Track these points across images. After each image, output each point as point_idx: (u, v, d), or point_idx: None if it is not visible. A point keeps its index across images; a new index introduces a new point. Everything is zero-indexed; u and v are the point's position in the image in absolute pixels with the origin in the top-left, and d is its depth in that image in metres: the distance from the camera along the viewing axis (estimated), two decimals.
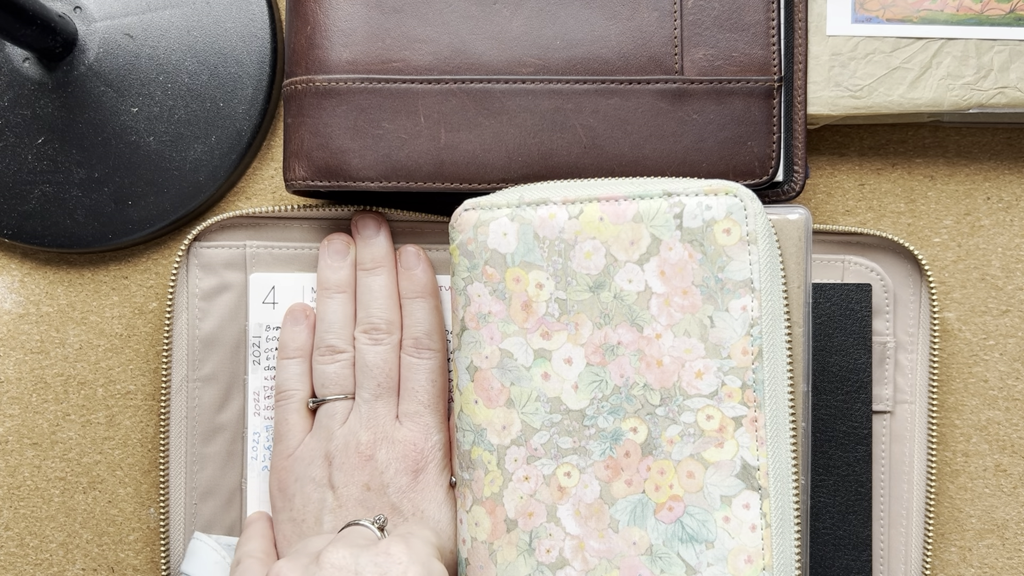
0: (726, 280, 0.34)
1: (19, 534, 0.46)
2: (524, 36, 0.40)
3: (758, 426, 0.34)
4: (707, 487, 0.34)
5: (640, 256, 0.35)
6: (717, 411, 0.35)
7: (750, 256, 0.34)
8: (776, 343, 0.35)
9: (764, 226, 0.35)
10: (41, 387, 0.46)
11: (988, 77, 0.42)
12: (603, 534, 0.35)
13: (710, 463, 0.34)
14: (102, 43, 0.44)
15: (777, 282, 0.35)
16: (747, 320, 0.34)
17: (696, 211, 0.35)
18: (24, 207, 0.45)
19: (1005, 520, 0.45)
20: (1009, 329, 0.45)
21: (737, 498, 0.34)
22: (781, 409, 0.35)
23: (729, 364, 0.34)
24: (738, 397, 0.34)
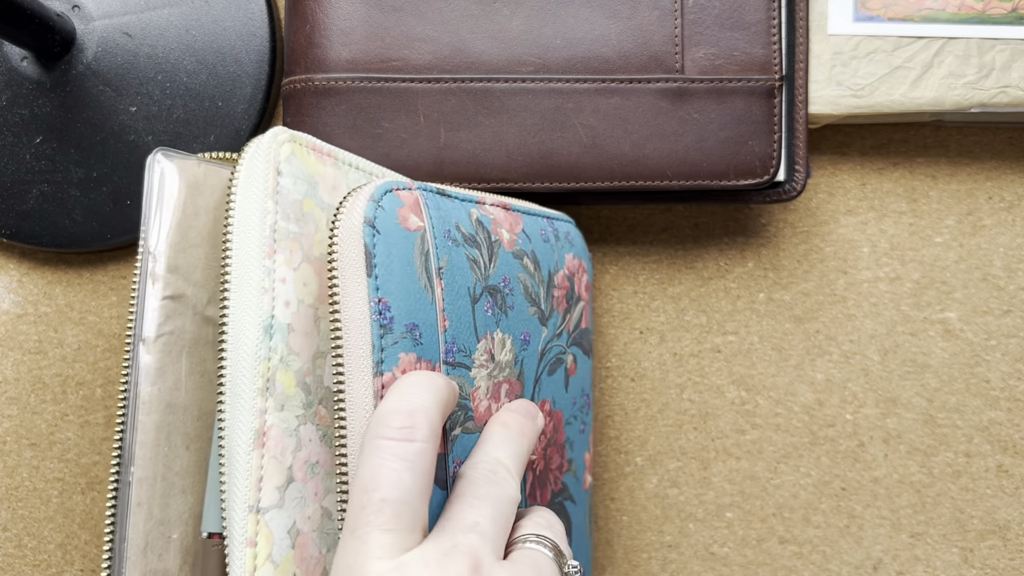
0: None
1: (17, 535, 0.46)
2: (524, 35, 0.40)
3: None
4: None
5: None
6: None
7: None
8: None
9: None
10: (39, 387, 0.46)
11: (990, 76, 0.41)
12: None
13: None
14: (100, 42, 0.44)
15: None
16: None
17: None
18: (22, 207, 0.45)
19: (1007, 521, 0.45)
20: (1011, 329, 0.45)
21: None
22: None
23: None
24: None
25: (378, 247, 0.28)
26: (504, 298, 0.32)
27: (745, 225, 0.46)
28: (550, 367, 0.36)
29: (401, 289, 0.28)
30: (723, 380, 0.45)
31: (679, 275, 0.46)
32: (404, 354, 0.28)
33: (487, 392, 0.31)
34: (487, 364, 0.31)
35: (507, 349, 0.32)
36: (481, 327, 0.31)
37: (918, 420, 0.45)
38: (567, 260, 0.38)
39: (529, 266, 0.34)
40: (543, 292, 0.35)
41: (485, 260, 0.32)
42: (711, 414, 0.45)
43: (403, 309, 0.28)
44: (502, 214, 0.34)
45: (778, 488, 0.45)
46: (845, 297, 0.45)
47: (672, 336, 0.46)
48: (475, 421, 0.30)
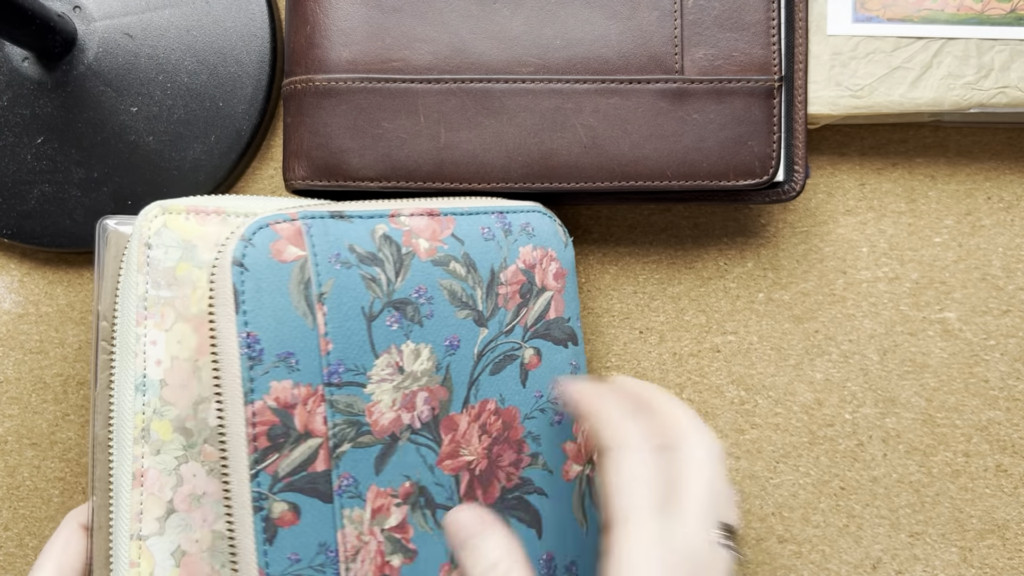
0: None
1: (18, 534, 0.46)
2: (524, 35, 0.40)
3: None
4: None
5: None
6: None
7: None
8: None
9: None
10: (40, 387, 0.46)
11: (989, 77, 0.41)
12: None
13: None
14: (101, 43, 0.44)
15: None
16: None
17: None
18: (23, 207, 0.45)
19: (1006, 520, 0.45)
20: (1010, 329, 0.45)
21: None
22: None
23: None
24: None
25: (246, 284, 0.30)
26: (418, 309, 0.34)
27: (744, 225, 0.46)
28: (493, 366, 0.37)
29: (272, 320, 0.31)
30: (722, 380, 0.46)
31: (679, 275, 0.46)
32: (276, 382, 0.31)
33: (394, 404, 0.34)
34: (391, 377, 0.34)
35: (423, 358, 0.35)
36: (382, 343, 0.33)
37: (917, 420, 0.45)
38: (522, 253, 0.38)
39: (458, 270, 0.36)
40: (480, 292, 0.37)
41: (389, 276, 0.34)
42: (710, 414, 0.46)
43: (274, 339, 0.31)
44: (423, 223, 0.36)
45: (777, 487, 0.45)
46: (844, 297, 0.45)
47: (672, 336, 0.46)
48: (373, 435, 0.33)
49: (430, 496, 0.35)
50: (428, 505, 0.35)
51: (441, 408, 0.35)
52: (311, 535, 0.31)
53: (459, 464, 0.36)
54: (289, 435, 0.31)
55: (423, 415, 0.35)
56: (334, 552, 0.32)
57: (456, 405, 0.36)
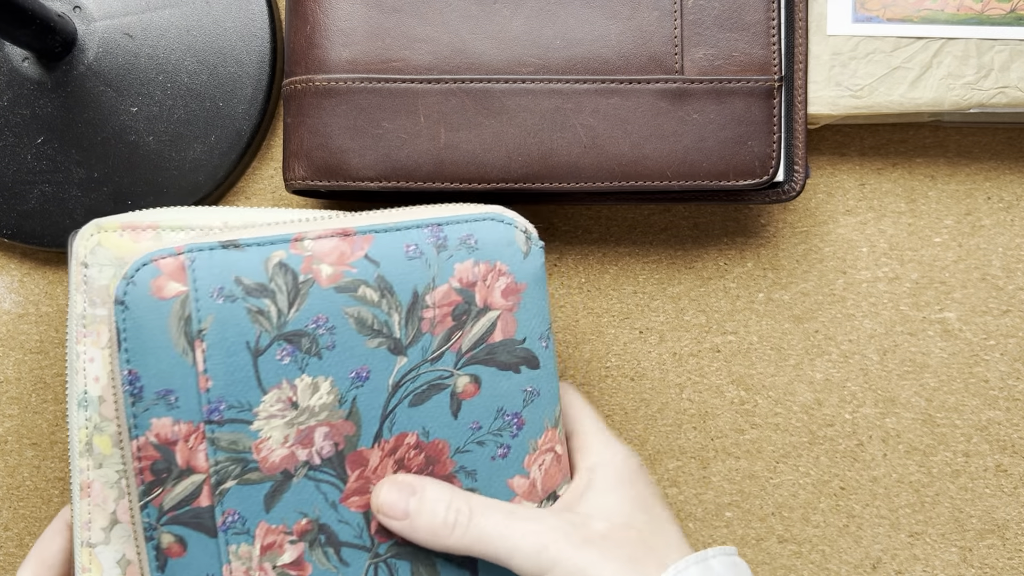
0: None
1: (18, 534, 0.46)
2: (524, 35, 0.40)
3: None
4: None
5: None
6: None
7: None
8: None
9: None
10: (41, 387, 0.46)
11: (989, 77, 0.41)
12: None
13: None
14: (101, 43, 0.44)
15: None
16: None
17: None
18: (23, 207, 0.45)
19: (1006, 520, 0.45)
20: (1010, 329, 0.45)
21: None
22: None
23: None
24: None
25: (127, 322, 0.31)
26: (316, 340, 0.33)
27: (744, 225, 0.46)
28: (414, 397, 0.35)
29: (152, 358, 0.31)
30: (722, 380, 0.46)
31: (679, 275, 0.46)
32: (156, 419, 0.31)
33: (286, 440, 0.33)
34: (282, 413, 0.33)
35: (322, 392, 0.33)
36: (271, 378, 0.32)
37: (917, 420, 0.45)
38: (459, 270, 0.35)
39: (369, 295, 0.34)
40: (398, 318, 0.34)
41: (280, 307, 0.32)
42: (710, 414, 0.46)
43: (154, 377, 0.31)
44: (329, 245, 0.33)
45: (777, 487, 0.45)
46: (844, 297, 0.45)
47: (671, 336, 0.46)
48: (261, 471, 0.33)
49: (332, 534, 0.34)
50: (331, 543, 0.34)
51: (347, 443, 0.34)
52: (197, 567, 0.32)
53: (369, 501, 0.34)
54: (171, 471, 0.32)
55: (323, 451, 0.33)
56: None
57: (365, 440, 0.34)
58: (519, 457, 0.36)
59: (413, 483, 0.34)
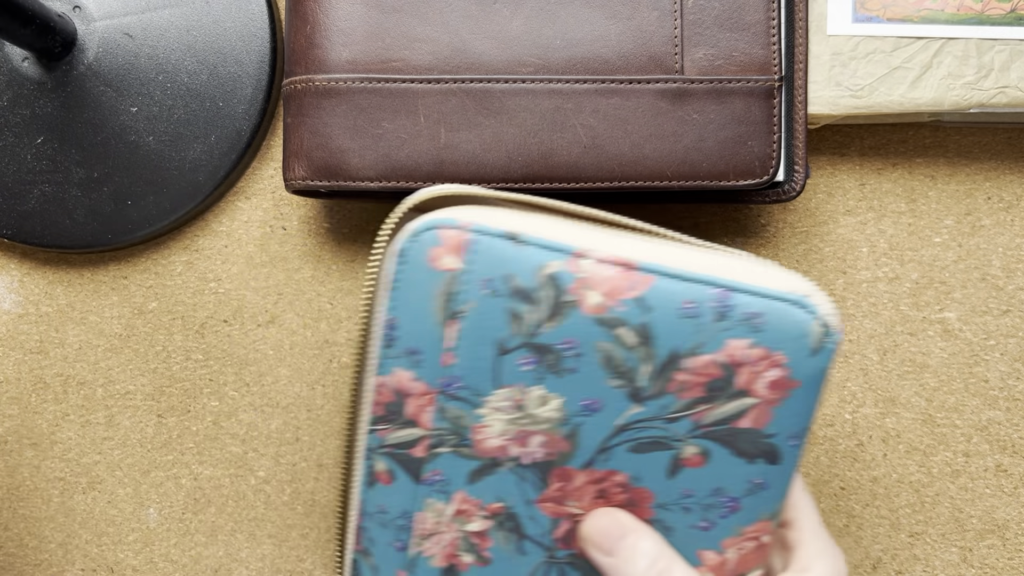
0: None
1: (18, 534, 0.46)
2: (524, 35, 0.40)
3: None
4: None
5: None
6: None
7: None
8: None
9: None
10: (40, 387, 0.46)
11: (989, 77, 0.41)
12: None
13: None
14: (101, 43, 0.44)
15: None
16: None
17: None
18: (23, 207, 0.45)
19: (1006, 520, 0.45)
20: (1010, 329, 0.45)
21: None
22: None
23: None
24: None
25: (402, 275, 0.32)
26: (560, 359, 0.32)
27: (744, 225, 0.46)
28: (636, 445, 0.33)
29: (412, 316, 0.32)
30: None
31: None
32: (400, 369, 0.33)
33: (504, 434, 0.34)
34: (509, 411, 0.33)
35: (551, 407, 0.33)
36: (507, 377, 0.33)
37: (917, 420, 0.45)
38: (730, 346, 0.32)
39: (625, 337, 0.32)
40: (647, 369, 0.32)
41: (539, 318, 0.32)
42: None
43: (408, 333, 0.33)
44: (607, 273, 0.32)
45: None
46: (844, 297, 0.45)
47: None
48: (475, 449, 0.34)
49: (520, 524, 0.34)
50: (515, 530, 0.34)
51: (558, 457, 0.34)
52: (398, 500, 0.35)
53: (562, 511, 0.34)
54: (399, 416, 0.34)
55: (534, 455, 0.34)
56: (411, 524, 0.35)
57: (576, 461, 0.34)
58: (720, 535, 0.34)
59: (629, 526, 0.33)
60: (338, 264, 0.46)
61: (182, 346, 0.46)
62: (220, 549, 0.46)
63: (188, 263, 0.46)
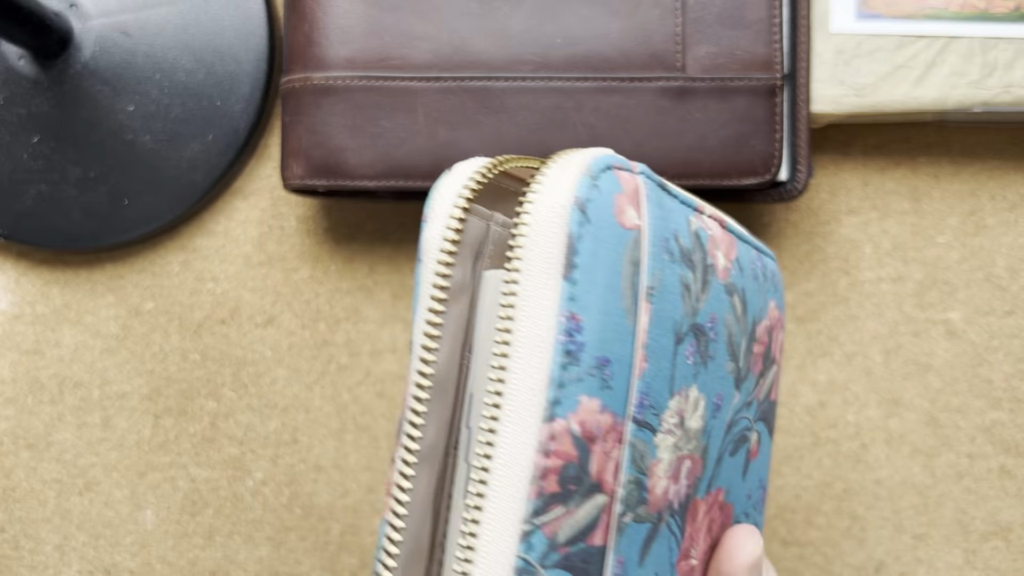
0: None
1: (14, 536, 0.46)
2: (524, 33, 0.39)
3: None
4: None
5: None
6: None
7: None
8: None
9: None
10: (36, 388, 0.46)
11: (993, 75, 0.41)
12: None
13: None
14: (98, 41, 0.44)
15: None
16: None
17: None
18: (19, 206, 0.44)
19: (1010, 522, 0.45)
20: (1014, 330, 0.45)
21: None
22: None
23: None
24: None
25: (584, 242, 0.19)
26: (708, 344, 0.24)
27: (747, 225, 0.46)
28: (734, 445, 0.26)
29: (601, 307, 0.20)
30: None
31: None
32: (587, 398, 0.20)
33: (669, 469, 0.22)
34: (675, 431, 0.22)
35: (699, 414, 0.24)
36: (679, 379, 0.22)
37: (920, 421, 0.45)
38: (770, 309, 0.28)
39: (737, 307, 0.25)
40: (745, 345, 0.26)
41: (698, 288, 0.23)
42: None
43: (598, 335, 0.20)
44: (719, 231, 0.25)
45: (780, 490, 0.45)
46: (847, 297, 0.45)
47: None
48: (647, 507, 0.22)
49: None
50: None
51: (694, 487, 0.24)
52: None
53: (686, 570, 0.24)
54: (582, 482, 0.20)
55: (681, 493, 0.23)
56: None
57: (702, 487, 0.25)
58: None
59: (765, 562, 0.26)
60: (336, 264, 0.46)
61: (179, 347, 0.46)
62: (217, 551, 0.46)
63: (185, 263, 0.46)
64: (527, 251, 0.20)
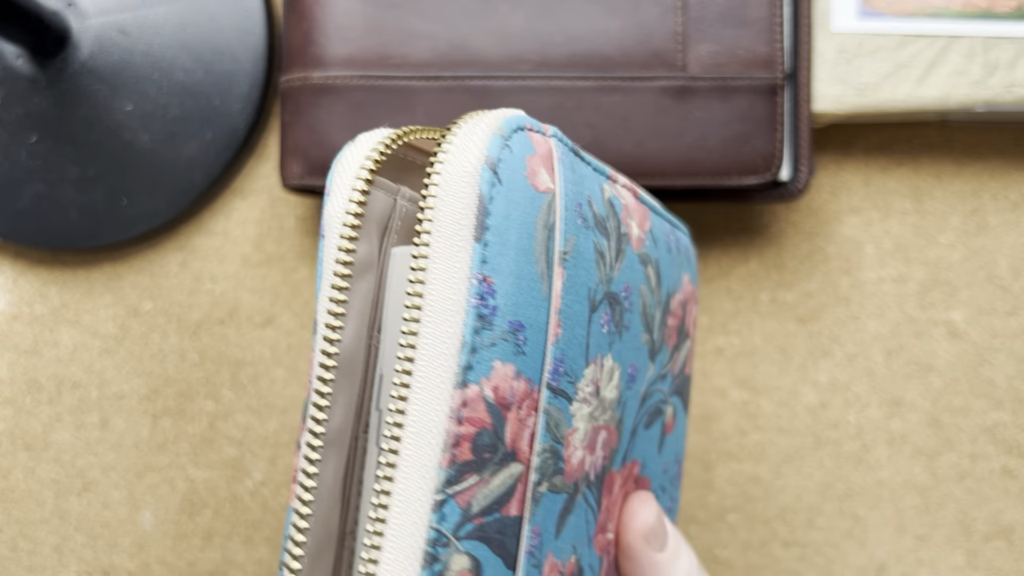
0: None
1: (12, 537, 0.46)
2: (524, 32, 0.39)
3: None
4: None
5: None
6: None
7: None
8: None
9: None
10: (34, 389, 0.46)
11: (995, 74, 0.41)
12: None
13: None
14: (96, 40, 0.44)
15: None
16: None
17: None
18: (17, 206, 0.44)
19: (1012, 523, 0.44)
20: (1016, 330, 0.45)
21: None
22: None
23: None
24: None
25: (496, 203, 0.19)
26: (623, 314, 0.23)
27: (748, 224, 0.45)
28: (648, 417, 0.26)
29: (514, 271, 0.19)
30: (726, 381, 0.45)
31: None
32: (500, 363, 0.19)
33: (584, 439, 0.22)
34: (591, 400, 0.22)
35: (613, 384, 0.24)
36: (593, 347, 0.22)
37: (922, 422, 0.45)
38: (684, 283, 0.28)
39: (652, 278, 0.25)
40: (659, 316, 0.26)
41: (612, 256, 0.23)
42: (713, 416, 0.45)
43: (511, 299, 0.19)
44: (633, 201, 0.25)
45: (781, 491, 0.45)
46: (849, 298, 0.45)
47: None
48: (564, 477, 0.21)
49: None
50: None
51: (610, 459, 0.24)
52: None
53: (604, 544, 0.24)
54: (497, 450, 0.19)
55: (598, 464, 0.23)
56: None
57: (618, 459, 0.25)
58: (675, 514, 0.29)
59: (668, 525, 0.26)
60: None
61: (177, 347, 0.46)
62: (216, 553, 0.46)
63: (183, 263, 0.46)
64: (437, 213, 0.19)
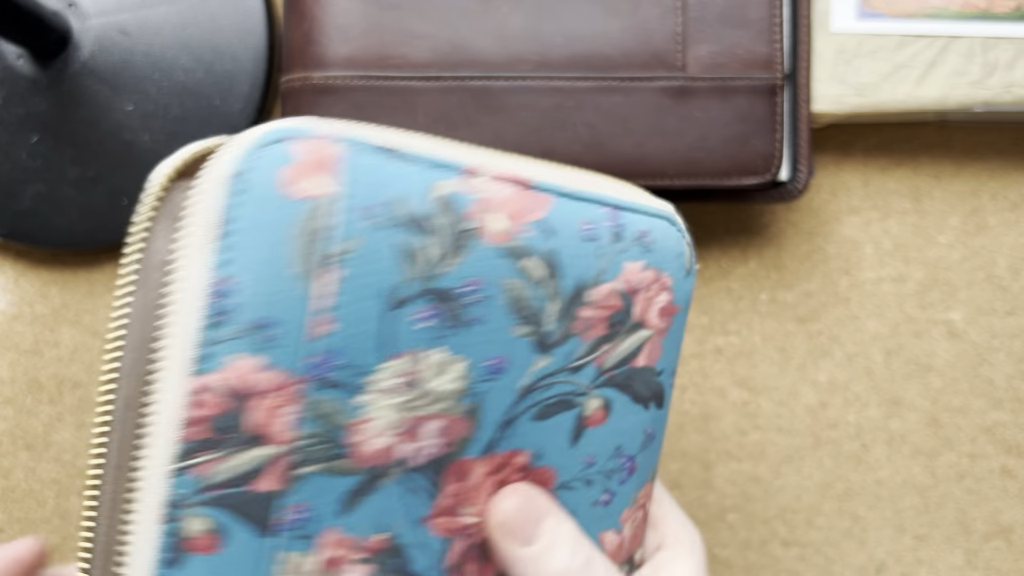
0: None
1: (13, 537, 0.46)
2: (524, 32, 0.39)
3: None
4: None
5: None
6: None
7: None
8: None
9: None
10: (35, 389, 0.46)
11: (994, 74, 0.41)
12: None
13: None
14: (96, 40, 0.44)
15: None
16: None
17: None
18: (17, 206, 0.44)
19: (1011, 523, 0.44)
20: (1015, 329, 0.45)
21: None
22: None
23: None
24: None
25: (241, 209, 0.22)
26: (463, 308, 0.25)
27: (747, 225, 0.46)
28: (541, 410, 0.28)
29: (259, 271, 0.22)
30: (725, 381, 0.45)
31: None
32: (245, 355, 0.22)
33: (391, 427, 0.24)
34: (400, 391, 0.24)
35: (453, 376, 0.25)
36: (396, 342, 0.24)
37: (921, 421, 0.45)
38: (627, 270, 0.29)
39: (532, 271, 0.26)
40: (554, 308, 0.27)
41: (438, 253, 0.25)
42: (713, 416, 0.45)
43: (256, 298, 0.22)
44: (507, 193, 0.26)
45: (780, 490, 0.45)
46: (848, 297, 0.45)
47: None
48: (351, 460, 0.24)
49: (405, 560, 0.25)
50: (401, 571, 0.25)
51: (456, 448, 0.26)
52: (229, 572, 0.22)
53: (455, 527, 0.26)
54: (235, 433, 0.22)
55: (427, 450, 0.25)
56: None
57: (475, 447, 0.26)
58: (619, 509, 0.31)
59: (545, 507, 0.27)
60: None
61: None
62: None
63: None
64: (188, 220, 0.22)
